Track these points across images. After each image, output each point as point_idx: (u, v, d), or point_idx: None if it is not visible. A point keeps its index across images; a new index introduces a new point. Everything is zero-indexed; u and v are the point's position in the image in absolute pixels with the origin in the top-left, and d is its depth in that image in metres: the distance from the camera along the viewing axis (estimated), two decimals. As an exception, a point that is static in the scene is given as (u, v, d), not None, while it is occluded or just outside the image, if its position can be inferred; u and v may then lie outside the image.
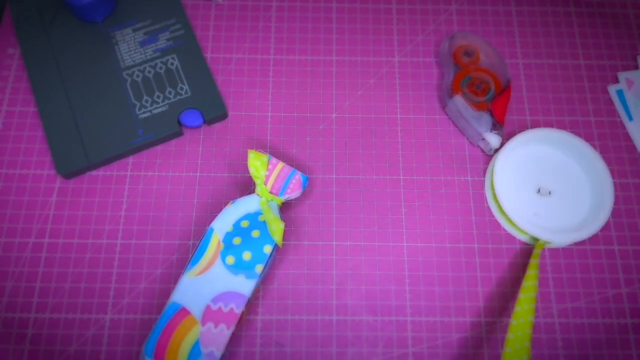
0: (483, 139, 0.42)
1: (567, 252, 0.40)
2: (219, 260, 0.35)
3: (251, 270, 0.35)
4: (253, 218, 0.37)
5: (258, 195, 0.37)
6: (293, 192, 0.38)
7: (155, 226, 0.40)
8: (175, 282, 0.39)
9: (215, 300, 0.34)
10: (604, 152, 0.43)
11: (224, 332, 0.34)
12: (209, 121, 0.43)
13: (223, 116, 0.43)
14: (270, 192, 0.38)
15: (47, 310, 0.38)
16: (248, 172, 0.42)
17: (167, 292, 0.39)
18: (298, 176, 0.38)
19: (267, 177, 0.37)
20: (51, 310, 0.38)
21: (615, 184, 0.42)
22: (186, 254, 0.40)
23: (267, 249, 0.36)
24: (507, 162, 0.41)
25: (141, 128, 0.42)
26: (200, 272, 0.35)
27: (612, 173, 0.43)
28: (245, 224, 0.36)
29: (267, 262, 0.36)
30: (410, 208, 0.42)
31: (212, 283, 0.35)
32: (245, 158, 0.43)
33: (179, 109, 0.42)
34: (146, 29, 0.45)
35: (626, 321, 0.39)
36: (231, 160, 0.43)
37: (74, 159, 0.41)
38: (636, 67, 0.46)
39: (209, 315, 0.34)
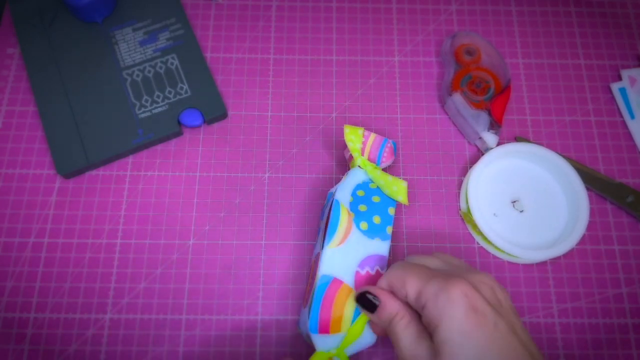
0: (480, 138, 0.41)
1: (567, 252, 0.40)
2: (354, 228, 0.35)
3: (383, 232, 0.36)
4: (365, 187, 0.38)
5: (359, 167, 0.38)
6: (388, 160, 0.39)
7: (155, 226, 0.40)
8: (176, 282, 0.39)
9: (361, 265, 0.35)
10: (604, 152, 0.43)
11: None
12: (208, 121, 0.43)
13: (223, 116, 0.43)
14: (369, 161, 0.39)
15: (46, 310, 0.38)
16: (247, 172, 0.42)
17: (166, 292, 0.39)
18: (390, 144, 0.39)
19: (363, 149, 0.38)
20: (51, 310, 0.38)
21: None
22: (186, 254, 0.40)
23: (391, 210, 0.37)
24: (481, 177, 0.41)
25: (141, 128, 0.42)
26: (341, 242, 0.35)
27: (612, 173, 0.42)
28: (361, 193, 0.37)
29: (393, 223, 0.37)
30: (410, 208, 0.41)
31: (355, 250, 0.35)
32: (245, 158, 0.43)
33: (178, 109, 0.42)
34: (146, 28, 0.45)
35: (626, 321, 0.39)
36: (231, 160, 0.43)
37: (74, 158, 0.41)
38: (639, 65, 0.46)
39: (360, 280, 0.34)
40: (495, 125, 0.41)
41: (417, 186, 0.42)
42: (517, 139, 0.43)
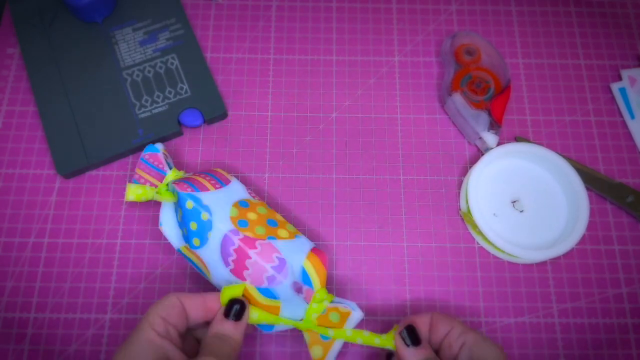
0: (480, 138, 0.41)
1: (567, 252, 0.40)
2: (196, 252, 0.35)
3: (204, 223, 0.34)
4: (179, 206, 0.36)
5: (163, 199, 0.37)
6: (162, 164, 0.38)
7: (156, 226, 0.40)
8: (176, 282, 0.39)
9: (225, 260, 0.34)
10: (604, 152, 0.43)
11: (254, 259, 0.33)
12: (208, 121, 0.43)
13: (223, 116, 0.43)
14: (164, 183, 0.37)
15: (46, 310, 0.38)
16: (247, 172, 0.42)
17: (167, 292, 0.39)
18: (147, 155, 0.38)
19: (147, 181, 0.37)
20: (51, 310, 0.38)
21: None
22: (186, 254, 0.40)
23: (189, 204, 0.35)
24: (481, 177, 0.41)
25: (141, 128, 0.42)
26: (208, 272, 0.35)
27: (612, 173, 0.42)
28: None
29: (201, 203, 0.35)
30: (410, 208, 0.41)
31: (213, 259, 0.34)
32: (245, 158, 0.43)
33: (178, 109, 0.42)
34: (146, 28, 0.45)
35: (626, 321, 0.39)
36: (231, 160, 0.43)
37: (74, 158, 0.41)
38: (639, 65, 0.46)
39: (237, 270, 0.34)
40: (495, 125, 0.41)
41: (417, 186, 0.42)
42: (517, 139, 0.43)
